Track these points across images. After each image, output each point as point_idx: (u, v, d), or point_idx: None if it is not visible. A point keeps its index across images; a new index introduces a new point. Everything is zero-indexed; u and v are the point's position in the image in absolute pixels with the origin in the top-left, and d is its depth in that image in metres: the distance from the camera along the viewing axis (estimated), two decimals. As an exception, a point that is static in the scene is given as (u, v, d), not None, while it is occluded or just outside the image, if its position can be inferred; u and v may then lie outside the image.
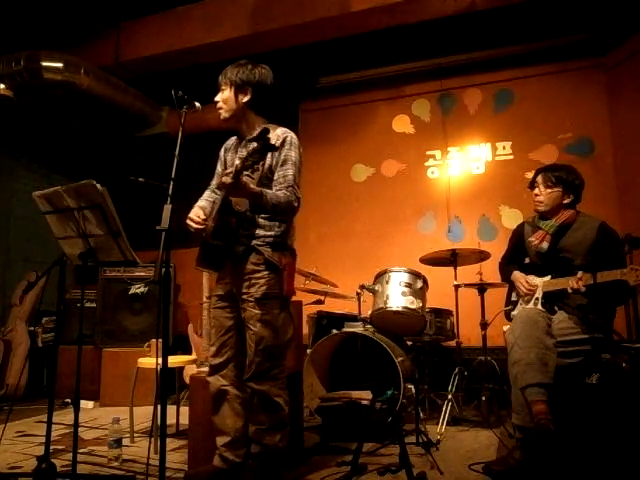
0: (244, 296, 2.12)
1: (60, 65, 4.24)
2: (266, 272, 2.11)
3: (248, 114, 2.24)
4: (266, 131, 1.91)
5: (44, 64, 4.20)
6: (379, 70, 5.13)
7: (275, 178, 2.14)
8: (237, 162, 1.89)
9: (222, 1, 4.37)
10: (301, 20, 4.10)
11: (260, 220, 2.14)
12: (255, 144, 1.93)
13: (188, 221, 2.16)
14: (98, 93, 4.59)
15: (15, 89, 4.33)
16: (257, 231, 2.14)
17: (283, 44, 4.41)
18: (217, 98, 2.24)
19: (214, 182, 2.42)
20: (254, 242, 2.12)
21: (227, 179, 1.89)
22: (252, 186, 2.00)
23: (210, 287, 2.36)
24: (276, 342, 2.11)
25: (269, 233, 2.14)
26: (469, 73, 4.92)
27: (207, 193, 2.42)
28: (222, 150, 2.43)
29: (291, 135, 2.22)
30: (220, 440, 2.22)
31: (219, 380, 2.21)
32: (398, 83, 5.14)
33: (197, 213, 2.16)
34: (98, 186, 2.08)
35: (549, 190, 2.64)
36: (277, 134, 2.18)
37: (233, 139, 2.39)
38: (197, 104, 2.18)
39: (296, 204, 2.13)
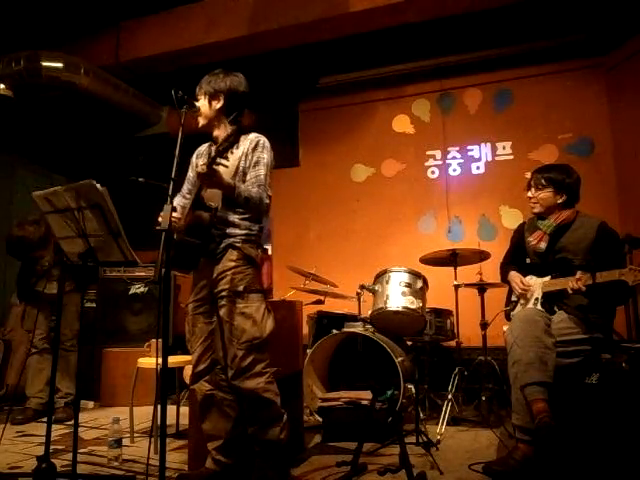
0: (223, 292, 2.13)
1: (60, 65, 4.24)
2: (245, 267, 2.16)
3: (222, 120, 2.30)
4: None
5: (44, 64, 4.20)
6: (379, 70, 5.13)
7: (247, 178, 2.21)
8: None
9: (222, 1, 4.37)
10: (301, 20, 4.10)
11: (236, 220, 2.19)
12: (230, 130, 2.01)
13: (159, 219, 2.09)
14: (98, 93, 4.60)
15: (15, 89, 4.33)
16: (233, 230, 2.19)
17: (283, 44, 4.42)
18: (197, 106, 2.28)
19: (185, 188, 2.44)
20: (231, 240, 2.17)
21: (203, 168, 1.94)
22: (225, 177, 2.07)
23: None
24: (258, 335, 2.12)
25: (244, 232, 2.20)
26: (469, 73, 4.92)
27: (178, 199, 2.40)
28: (194, 156, 2.45)
29: (263, 139, 2.30)
30: (212, 444, 2.23)
31: (204, 385, 2.22)
32: (398, 83, 5.14)
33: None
34: (98, 186, 2.07)
35: (540, 192, 2.64)
36: (250, 138, 2.27)
37: (205, 146, 2.44)
38: (197, 104, 2.21)
39: (267, 201, 2.19)
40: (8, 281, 5.01)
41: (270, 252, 5.28)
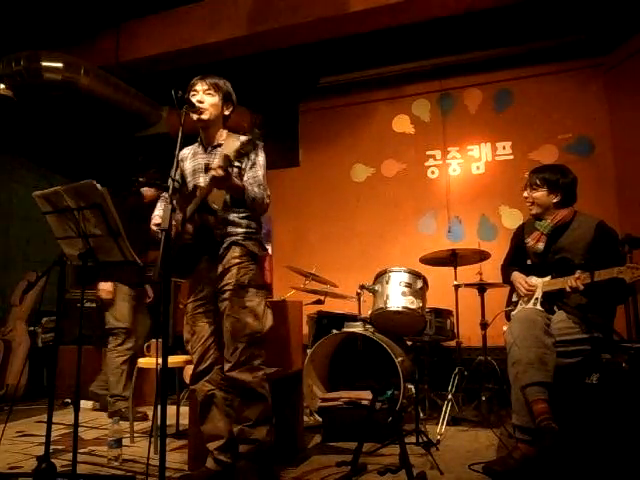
0: (228, 286, 2.16)
1: (60, 65, 4.23)
2: (248, 262, 2.22)
3: (220, 125, 2.33)
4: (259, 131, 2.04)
5: (44, 64, 4.19)
6: (379, 70, 5.14)
7: (245, 179, 2.23)
8: (228, 153, 1.97)
9: (222, 1, 4.37)
10: (301, 20, 4.10)
11: (236, 219, 2.24)
12: (246, 139, 2.04)
13: (155, 228, 2.22)
14: (98, 93, 4.59)
15: (15, 89, 4.33)
16: (234, 229, 2.24)
17: (283, 44, 4.42)
18: (202, 99, 2.24)
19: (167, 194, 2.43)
20: (233, 238, 2.22)
21: (219, 172, 1.95)
22: (235, 179, 2.11)
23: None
24: (259, 329, 2.17)
25: (245, 229, 2.25)
26: (469, 73, 4.93)
27: (161, 204, 2.42)
28: (179, 160, 2.43)
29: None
30: (213, 444, 2.24)
31: (205, 385, 2.24)
32: (398, 83, 5.15)
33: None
34: (98, 186, 2.08)
35: (534, 192, 2.65)
36: (242, 140, 2.23)
37: (188, 149, 2.42)
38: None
39: (268, 200, 2.25)
40: (8, 281, 5.01)
41: (270, 252, 5.29)
